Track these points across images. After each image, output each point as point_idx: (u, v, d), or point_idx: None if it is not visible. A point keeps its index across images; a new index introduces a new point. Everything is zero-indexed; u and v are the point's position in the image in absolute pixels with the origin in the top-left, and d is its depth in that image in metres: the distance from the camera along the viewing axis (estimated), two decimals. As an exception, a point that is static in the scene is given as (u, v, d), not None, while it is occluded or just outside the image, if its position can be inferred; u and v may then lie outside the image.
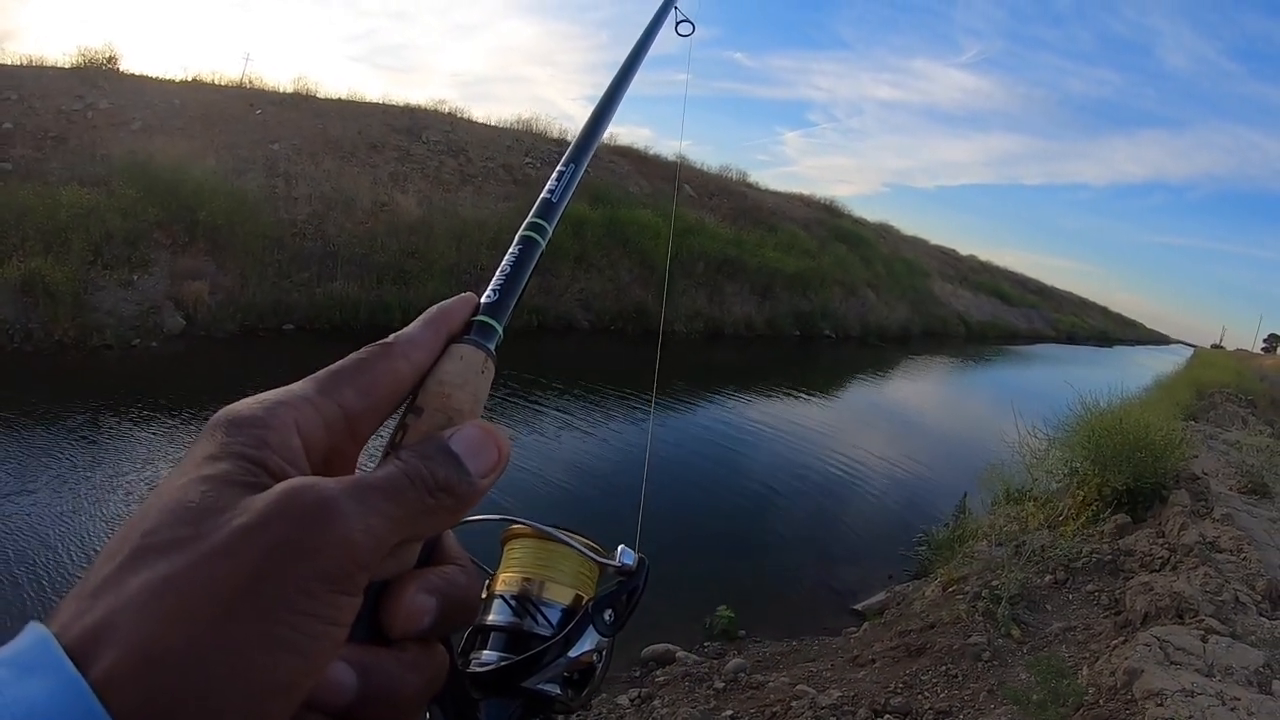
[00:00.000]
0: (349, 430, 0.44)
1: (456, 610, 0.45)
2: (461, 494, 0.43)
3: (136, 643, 0.33)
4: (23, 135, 15.84)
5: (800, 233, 34.25)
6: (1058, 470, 9.32)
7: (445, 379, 0.47)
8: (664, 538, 8.27)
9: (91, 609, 0.34)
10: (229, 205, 15.48)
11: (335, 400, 0.44)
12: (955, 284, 49.68)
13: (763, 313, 27.12)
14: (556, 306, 20.06)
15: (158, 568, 0.34)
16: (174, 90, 20.80)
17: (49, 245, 12.58)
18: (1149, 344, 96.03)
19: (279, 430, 0.41)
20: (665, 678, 5.62)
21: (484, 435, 0.45)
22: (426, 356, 0.48)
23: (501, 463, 0.45)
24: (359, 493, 0.39)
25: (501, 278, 0.55)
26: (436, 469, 0.42)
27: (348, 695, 0.39)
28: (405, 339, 0.48)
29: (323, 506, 0.37)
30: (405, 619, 0.42)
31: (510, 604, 0.56)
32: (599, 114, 0.73)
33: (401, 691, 0.42)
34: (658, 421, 13.04)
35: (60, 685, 0.31)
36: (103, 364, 11.69)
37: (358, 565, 0.37)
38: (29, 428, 8.62)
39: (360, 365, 0.46)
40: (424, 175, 21.69)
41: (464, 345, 0.49)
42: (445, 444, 0.44)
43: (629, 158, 31.75)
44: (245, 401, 0.42)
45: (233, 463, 0.39)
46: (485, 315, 0.52)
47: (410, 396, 0.47)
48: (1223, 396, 21.91)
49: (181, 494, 0.37)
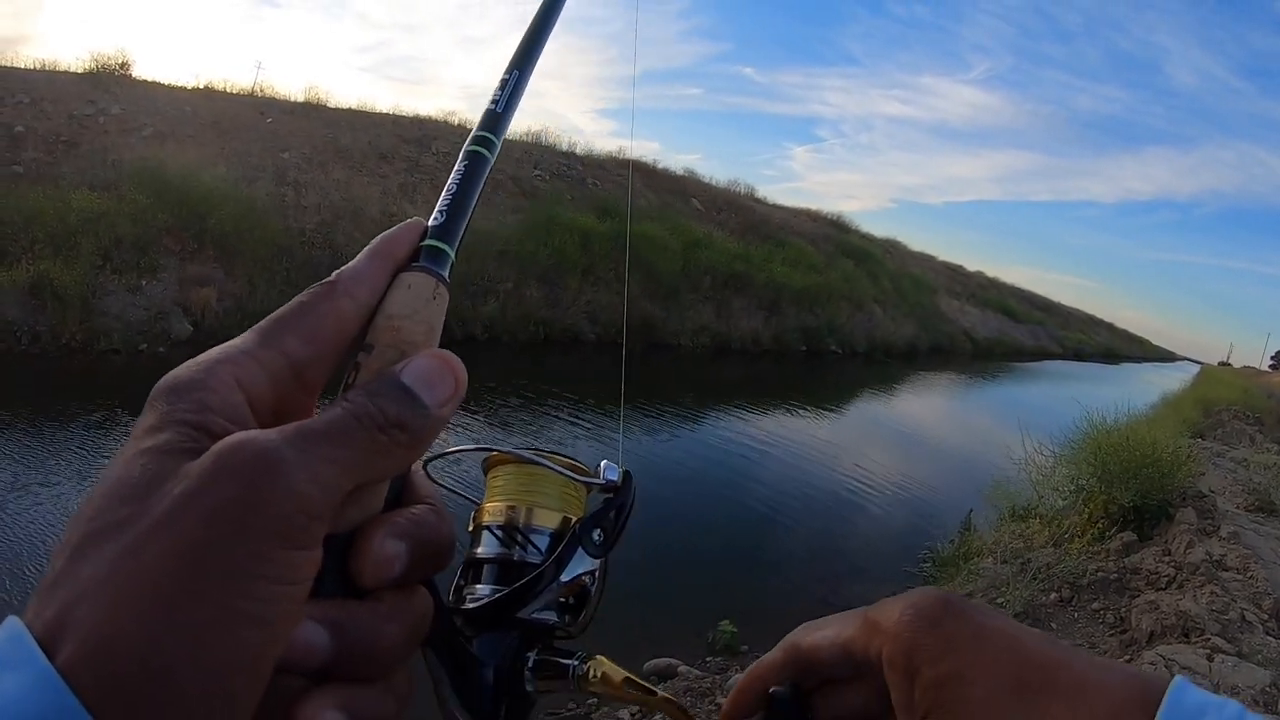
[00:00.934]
0: (297, 380, 0.43)
1: (429, 552, 0.43)
2: (417, 428, 0.41)
3: (91, 633, 0.32)
4: (34, 139, 15.89)
5: (808, 248, 34.21)
6: (1064, 487, 9.29)
7: (394, 311, 0.45)
8: (667, 551, 8.24)
9: (50, 603, 0.33)
10: (238, 212, 15.49)
11: (278, 349, 0.42)
12: (962, 300, 49.59)
13: (770, 328, 27.07)
14: (563, 319, 20.05)
15: (105, 551, 0.33)
16: (186, 97, 20.87)
17: (58, 249, 12.58)
18: (1155, 361, 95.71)
19: (219, 390, 0.39)
20: (667, 693, 5.59)
21: (437, 363, 0.43)
22: (372, 291, 0.46)
23: (459, 390, 0.43)
24: (300, 440, 0.37)
25: (448, 197, 0.52)
26: (386, 405, 0.40)
27: (321, 655, 0.38)
28: (348, 274, 0.46)
29: (262, 459, 0.35)
30: (375, 568, 0.40)
31: (497, 535, 0.54)
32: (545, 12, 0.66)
33: (380, 643, 0.40)
34: (663, 435, 13.03)
35: (31, 678, 0.30)
36: (109, 368, 11.70)
37: (308, 517, 0.36)
38: (35, 430, 8.63)
39: (302, 309, 0.44)
40: (433, 186, 21.65)
41: (412, 273, 0.47)
42: (395, 377, 0.42)
43: (637, 171, 31.77)
44: (184, 365, 0.41)
45: (173, 431, 0.37)
46: (434, 239, 0.49)
47: (361, 335, 0.45)
48: (1230, 414, 21.84)
49: (123, 471, 0.36)
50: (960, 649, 0.43)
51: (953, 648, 0.43)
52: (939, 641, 0.44)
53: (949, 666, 0.43)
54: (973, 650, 0.43)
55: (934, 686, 0.43)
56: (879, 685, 0.48)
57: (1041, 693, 0.40)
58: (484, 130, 0.56)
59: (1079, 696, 0.39)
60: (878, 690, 0.49)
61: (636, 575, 7.32)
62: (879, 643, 0.47)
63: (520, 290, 19.32)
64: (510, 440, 10.82)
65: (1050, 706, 0.39)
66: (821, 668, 0.52)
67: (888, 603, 0.48)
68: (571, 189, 25.90)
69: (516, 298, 19.10)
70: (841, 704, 0.51)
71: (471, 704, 0.50)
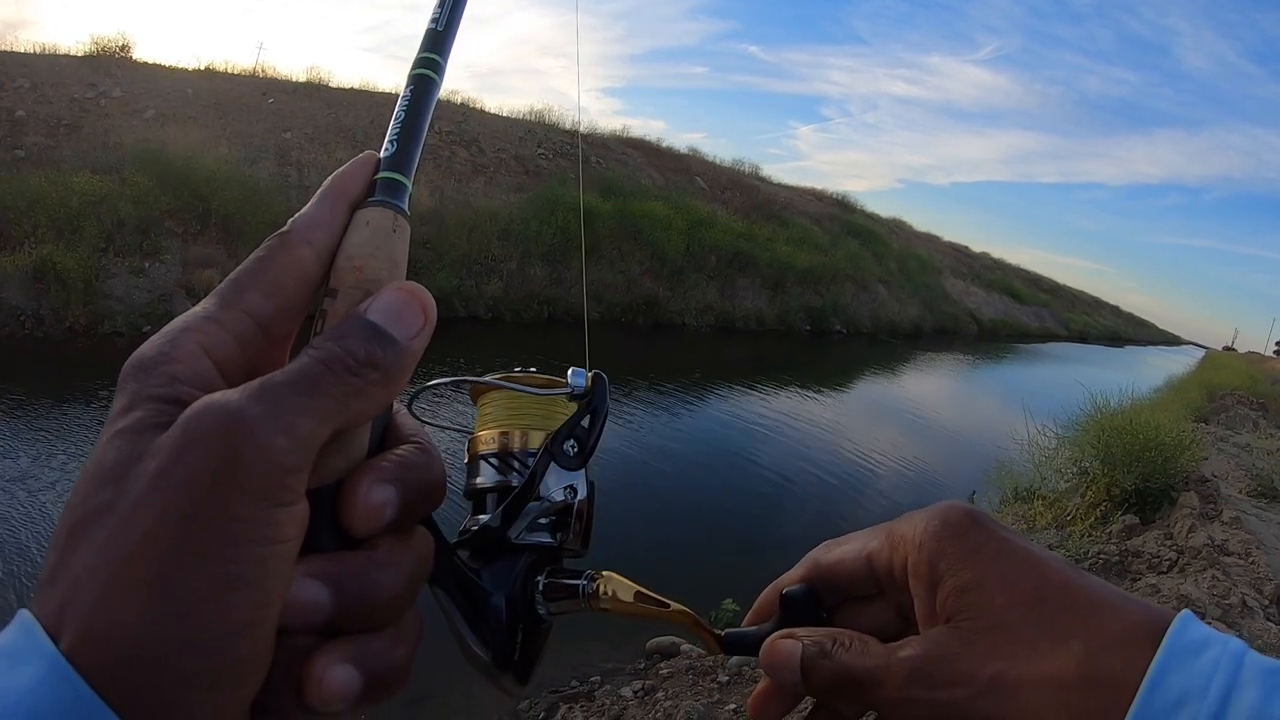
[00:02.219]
0: (265, 336, 0.42)
1: (420, 492, 0.42)
2: (389, 364, 0.40)
3: (91, 620, 0.32)
4: (36, 123, 15.87)
5: (812, 228, 34.11)
6: (1066, 470, 9.28)
7: (354, 251, 0.44)
8: (669, 530, 8.28)
9: (51, 596, 0.34)
10: (241, 194, 15.50)
11: (240, 309, 0.41)
12: (967, 281, 49.47)
13: (774, 307, 27.04)
14: (567, 298, 20.02)
15: (92, 538, 0.34)
16: (187, 79, 20.84)
17: (61, 232, 12.60)
18: (1161, 345, 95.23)
19: (186, 361, 0.39)
20: (669, 670, 5.61)
21: (403, 295, 0.42)
22: (330, 234, 0.44)
23: (429, 321, 0.42)
24: (266, 394, 0.36)
25: (398, 125, 0.48)
26: (354, 345, 0.39)
27: (324, 611, 0.38)
28: (303, 220, 0.44)
29: (227, 420, 0.34)
30: (365, 516, 0.40)
31: (493, 463, 0.54)
32: None
33: (381, 591, 0.39)
34: (669, 413, 13.05)
35: (45, 669, 0.31)
36: (114, 350, 11.69)
37: (285, 471, 0.35)
38: (39, 413, 8.66)
39: (259, 264, 0.43)
40: (436, 165, 21.66)
41: (369, 209, 0.45)
42: (361, 317, 0.41)
43: (641, 150, 31.71)
44: (149, 340, 0.40)
45: (144, 408, 0.37)
46: (387, 171, 0.47)
47: (324, 281, 0.44)
48: (1234, 399, 21.75)
49: (100, 456, 0.36)
50: (984, 560, 0.44)
51: (977, 558, 0.44)
52: (963, 551, 0.45)
53: (972, 575, 0.44)
54: (996, 562, 0.44)
55: (956, 593, 0.44)
56: (898, 603, 0.50)
57: (1058, 609, 0.41)
58: (428, 51, 0.51)
59: (1093, 616, 0.41)
60: (896, 608, 0.51)
61: (639, 553, 7.34)
62: (904, 552, 0.48)
63: (524, 269, 19.30)
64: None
65: (1065, 621, 0.41)
66: (842, 583, 0.53)
67: (912, 515, 0.49)
68: (575, 168, 25.83)
69: (520, 277, 19.08)
70: (860, 622, 0.51)
71: (486, 635, 0.50)
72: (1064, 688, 0.39)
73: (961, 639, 0.43)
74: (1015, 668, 0.40)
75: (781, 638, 0.49)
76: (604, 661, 5.21)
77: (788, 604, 0.53)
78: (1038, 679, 0.40)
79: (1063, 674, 0.39)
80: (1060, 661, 0.39)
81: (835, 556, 0.53)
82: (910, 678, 0.43)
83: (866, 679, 0.45)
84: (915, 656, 0.44)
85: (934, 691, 0.42)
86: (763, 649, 0.50)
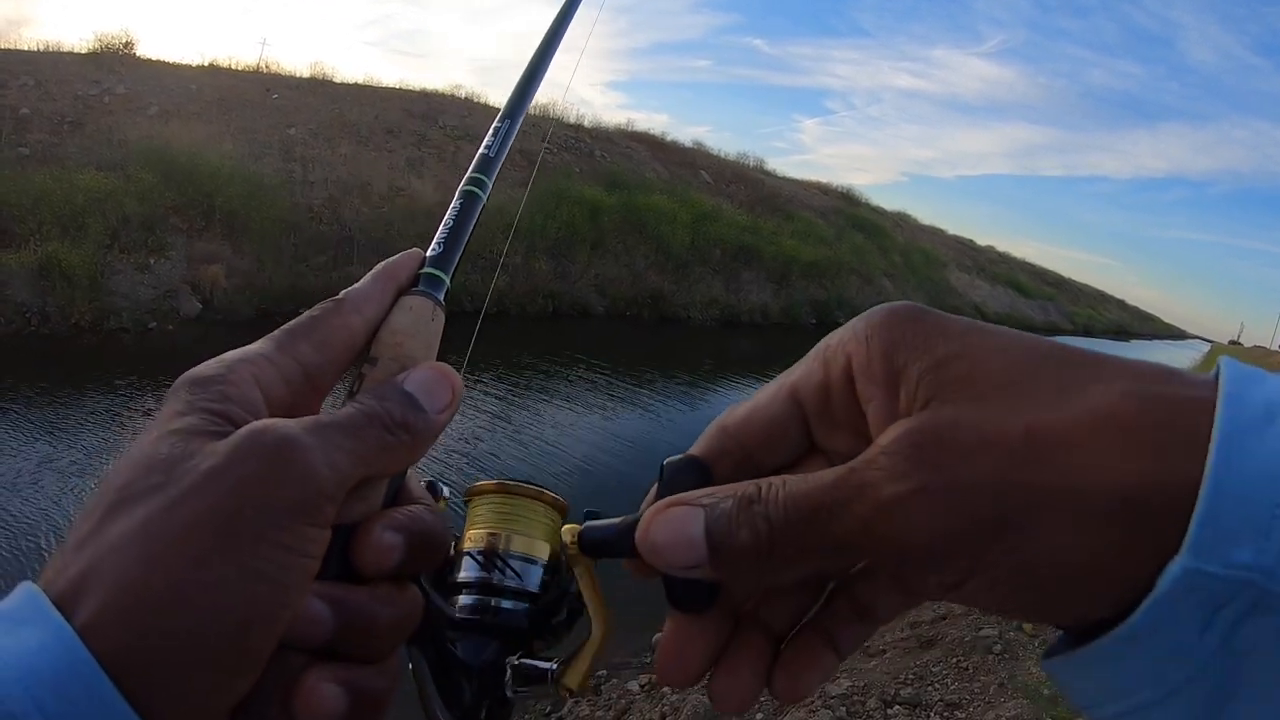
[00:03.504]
0: (308, 384, 0.46)
1: (423, 547, 0.45)
2: (419, 430, 0.45)
3: (118, 587, 0.34)
4: (40, 120, 15.91)
5: (817, 221, 34.12)
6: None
7: (397, 329, 0.49)
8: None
9: (75, 561, 0.36)
10: (245, 190, 15.55)
11: (291, 356, 0.45)
12: (972, 274, 49.44)
13: (779, 301, 27.05)
14: (572, 292, 20.05)
15: (135, 514, 0.36)
16: (191, 75, 20.89)
17: (66, 229, 12.66)
18: (1166, 339, 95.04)
19: (239, 385, 0.42)
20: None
21: (437, 374, 0.47)
22: (377, 309, 0.50)
23: (455, 399, 0.47)
24: (319, 429, 0.40)
25: (445, 231, 0.57)
26: (392, 407, 0.44)
27: (325, 628, 0.40)
28: (356, 294, 0.49)
29: (285, 442, 0.38)
30: (374, 556, 0.43)
31: (478, 559, 0.57)
32: (533, 69, 0.75)
33: (377, 624, 0.42)
34: (675, 407, 13.08)
35: (49, 634, 0.33)
36: (119, 347, 11.76)
37: (323, 496, 0.39)
38: (46, 409, 8.70)
39: (314, 321, 0.47)
40: (440, 160, 21.68)
41: (413, 297, 0.51)
42: (400, 385, 0.46)
43: (645, 143, 31.71)
44: (207, 363, 0.44)
45: (198, 416, 0.40)
46: (432, 268, 0.54)
47: (365, 349, 0.49)
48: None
49: (152, 448, 0.39)
50: (954, 334, 0.37)
51: (945, 335, 0.37)
52: (925, 331, 0.37)
53: (946, 350, 0.36)
54: (972, 333, 0.37)
55: (931, 370, 0.35)
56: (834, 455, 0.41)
57: (1069, 362, 0.35)
58: (478, 172, 0.62)
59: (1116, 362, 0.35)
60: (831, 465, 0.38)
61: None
62: (842, 360, 0.40)
63: (529, 263, 19.31)
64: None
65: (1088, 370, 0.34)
66: (759, 444, 0.42)
67: (841, 328, 0.42)
68: (580, 161, 25.86)
69: (525, 271, 19.09)
70: None
71: (452, 703, 0.54)
72: (1124, 421, 0.32)
73: (967, 404, 0.34)
74: (1054, 416, 0.33)
75: (667, 505, 0.39)
76: (610, 655, 5.19)
77: (668, 475, 0.42)
78: (1088, 420, 0.32)
79: (1117, 407, 0.32)
80: (1107, 397, 0.33)
81: (743, 412, 0.44)
82: (914, 460, 0.33)
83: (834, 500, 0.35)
84: (911, 432, 0.34)
85: (951, 469, 0.33)
86: (640, 526, 0.40)
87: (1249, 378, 0.32)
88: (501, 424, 10.43)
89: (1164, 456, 0.31)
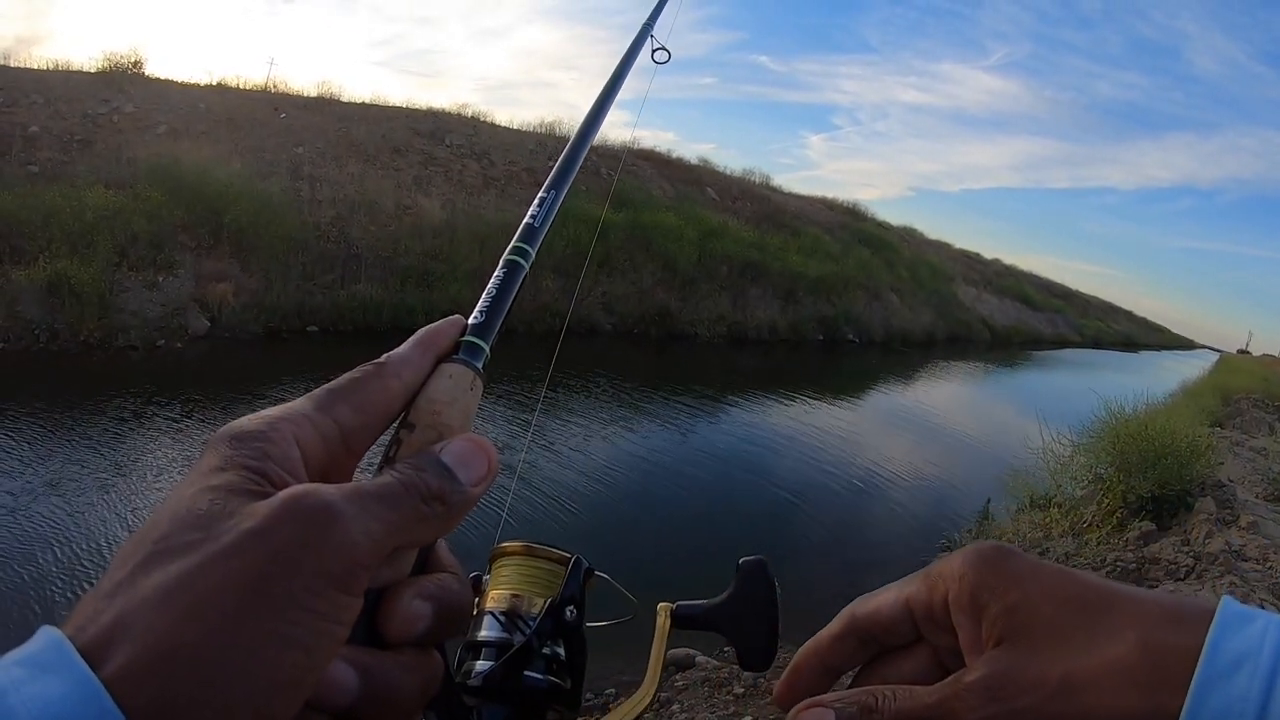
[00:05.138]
0: (345, 445, 0.47)
1: (450, 616, 0.47)
2: (454, 502, 0.45)
3: (150, 641, 0.34)
4: (49, 138, 16.01)
5: (824, 236, 34.11)
6: (1082, 476, 9.25)
7: (435, 396, 0.50)
8: (685, 541, 8.27)
9: (107, 609, 0.36)
10: (253, 208, 15.59)
11: (331, 416, 0.46)
12: (979, 288, 49.34)
13: (786, 316, 27.01)
14: (579, 310, 20.06)
15: (170, 569, 0.36)
16: (199, 94, 21.00)
17: (75, 247, 12.70)
18: (1175, 349, 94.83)
19: (279, 443, 0.43)
20: (684, 683, 5.59)
21: (474, 447, 0.48)
22: (417, 375, 0.51)
23: (491, 473, 0.48)
24: (358, 498, 0.41)
25: (487, 300, 0.58)
26: (429, 479, 0.45)
27: (350, 694, 0.41)
28: (397, 359, 0.51)
29: (324, 510, 0.39)
30: (402, 623, 0.44)
31: (500, 619, 0.59)
32: (578, 142, 0.77)
33: (400, 692, 0.43)
34: (684, 424, 13.07)
35: (73, 683, 0.33)
36: (127, 364, 11.78)
37: (358, 565, 0.39)
38: (54, 427, 8.70)
39: (354, 384, 0.48)
40: (447, 178, 21.76)
41: (453, 364, 0.52)
42: (437, 456, 0.46)
43: (652, 161, 31.76)
44: (247, 417, 0.44)
45: (237, 473, 0.41)
46: (472, 336, 0.54)
47: (403, 413, 0.49)
48: (1249, 403, 21.65)
49: (191, 502, 0.39)
50: (1023, 582, 0.48)
51: (1016, 581, 0.48)
52: (1002, 577, 0.48)
53: (1015, 597, 0.47)
54: (1034, 580, 0.48)
55: (1003, 615, 0.47)
56: (935, 648, 0.53)
57: (1103, 607, 0.45)
58: (521, 242, 0.64)
59: (1137, 607, 0.45)
60: (932, 655, 0.53)
61: (654, 562, 7.33)
62: (943, 589, 0.51)
63: (537, 281, 19.33)
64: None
65: (1113, 615, 0.45)
66: (880, 632, 0.55)
67: (948, 556, 0.52)
68: (586, 179, 25.88)
69: (533, 289, 19.10)
70: (895, 672, 0.54)
71: None
72: (1130, 668, 0.43)
73: (1024, 651, 0.46)
74: (1081, 663, 0.44)
75: (807, 707, 0.50)
76: (619, 674, 5.19)
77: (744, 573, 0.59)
78: (1104, 667, 0.43)
79: (1126, 657, 0.43)
80: (1121, 648, 0.43)
81: (872, 606, 0.55)
82: (986, 696, 0.46)
83: (934, 716, 0.47)
84: (986, 676, 0.46)
85: (1010, 703, 0.45)
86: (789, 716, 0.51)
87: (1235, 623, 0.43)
88: (507, 449, 10.40)
89: (1157, 696, 0.42)
